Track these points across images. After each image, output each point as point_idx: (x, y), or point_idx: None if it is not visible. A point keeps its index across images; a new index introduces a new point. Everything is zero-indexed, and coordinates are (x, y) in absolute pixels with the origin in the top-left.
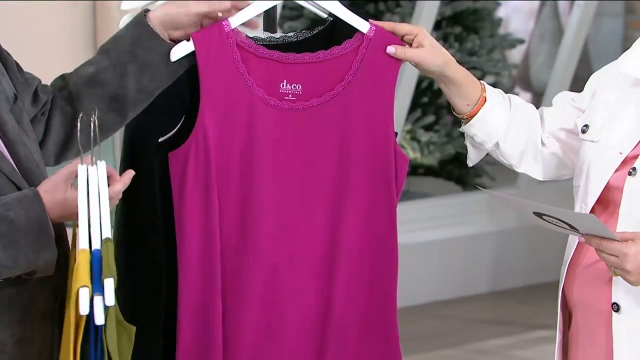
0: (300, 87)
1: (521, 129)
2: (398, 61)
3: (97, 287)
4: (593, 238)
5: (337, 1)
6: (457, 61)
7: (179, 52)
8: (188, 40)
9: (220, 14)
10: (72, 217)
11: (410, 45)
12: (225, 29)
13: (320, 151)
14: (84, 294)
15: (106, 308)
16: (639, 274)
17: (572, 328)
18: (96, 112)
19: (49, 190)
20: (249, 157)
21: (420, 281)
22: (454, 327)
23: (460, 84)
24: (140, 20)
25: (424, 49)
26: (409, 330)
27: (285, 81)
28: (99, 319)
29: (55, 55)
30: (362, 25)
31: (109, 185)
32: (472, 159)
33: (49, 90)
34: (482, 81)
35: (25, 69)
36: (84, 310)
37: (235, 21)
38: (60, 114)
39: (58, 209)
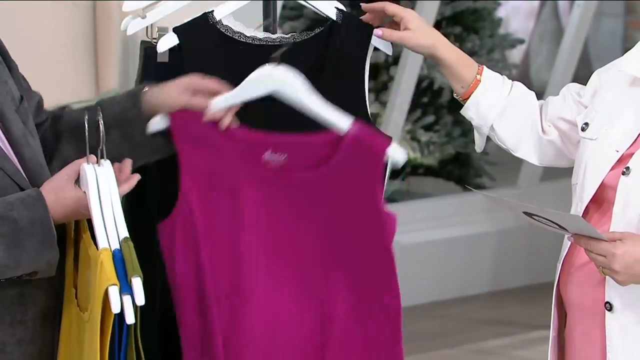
0: (285, 156)
1: (517, 113)
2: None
3: (124, 287)
4: (581, 238)
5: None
6: None
7: (155, 125)
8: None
9: None
10: (77, 216)
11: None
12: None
13: (305, 222)
14: (114, 292)
15: (136, 307)
16: (627, 274)
17: (566, 327)
18: (101, 114)
19: (52, 190)
20: (236, 230)
21: (420, 281)
22: (453, 327)
23: (453, 66)
24: (136, 94)
25: (409, 32)
26: (408, 330)
27: (270, 150)
28: (130, 318)
29: (55, 55)
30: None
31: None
32: (478, 144)
33: (46, 111)
34: (482, 65)
35: (25, 68)
36: (115, 308)
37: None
38: (42, 139)
39: (62, 209)
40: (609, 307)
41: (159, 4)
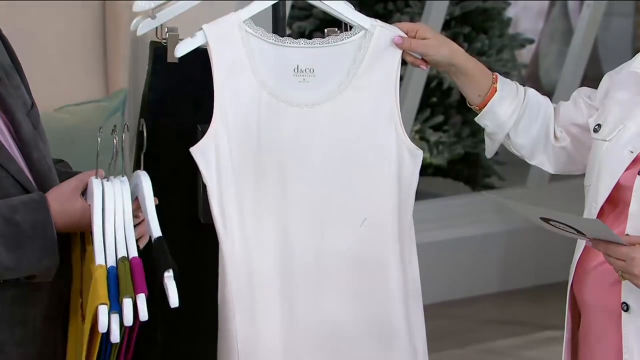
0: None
1: (532, 121)
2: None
3: (114, 305)
4: (600, 242)
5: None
6: None
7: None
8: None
9: None
10: (79, 227)
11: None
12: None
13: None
14: (103, 312)
15: (123, 327)
16: None
17: (581, 328)
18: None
19: (57, 198)
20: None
21: (429, 281)
22: (463, 327)
23: (471, 74)
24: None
25: (428, 40)
26: None
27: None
28: (115, 337)
29: (65, 55)
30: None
31: (136, 226)
32: (489, 150)
33: None
34: (496, 73)
35: (36, 68)
36: (102, 328)
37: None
38: None
39: (66, 218)
40: (625, 307)
41: (169, 4)
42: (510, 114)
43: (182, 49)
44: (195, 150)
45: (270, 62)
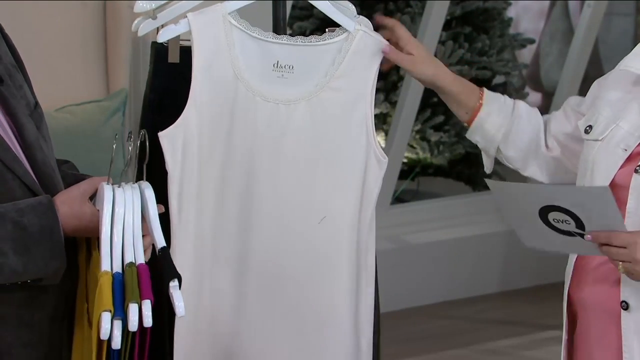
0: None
1: (522, 133)
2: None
3: (118, 311)
4: (601, 234)
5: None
6: (467, 61)
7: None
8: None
9: None
10: (86, 231)
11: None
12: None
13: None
14: (106, 319)
15: (128, 333)
16: None
17: (578, 329)
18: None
19: (66, 201)
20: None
21: (430, 281)
22: (463, 327)
23: (455, 93)
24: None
25: (412, 57)
26: (418, 330)
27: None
28: (116, 343)
29: (65, 54)
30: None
31: (143, 236)
32: (487, 166)
33: None
34: (483, 88)
35: (35, 68)
36: (104, 335)
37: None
38: None
39: (75, 221)
40: (625, 305)
41: (170, 5)
42: (498, 128)
43: (164, 35)
44: (163, 137)
45: (251, 55)
